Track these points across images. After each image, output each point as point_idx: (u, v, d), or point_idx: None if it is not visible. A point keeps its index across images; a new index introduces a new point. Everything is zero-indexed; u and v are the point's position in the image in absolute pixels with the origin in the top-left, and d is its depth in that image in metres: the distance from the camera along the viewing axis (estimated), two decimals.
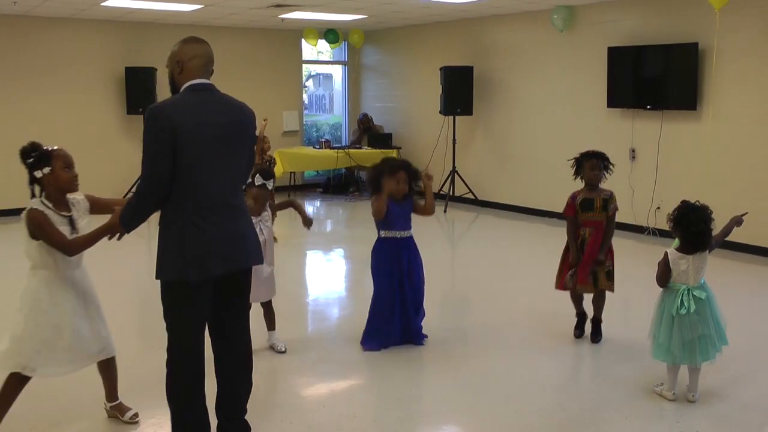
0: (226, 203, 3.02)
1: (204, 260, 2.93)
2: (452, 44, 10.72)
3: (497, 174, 10.24)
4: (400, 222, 4.58)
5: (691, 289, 3.77)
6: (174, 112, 2.91)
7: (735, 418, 3.72)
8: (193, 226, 2.93)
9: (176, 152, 2.86)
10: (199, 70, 3.05)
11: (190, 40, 3.13)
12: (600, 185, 4.79)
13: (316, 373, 4.35)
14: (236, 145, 3.06)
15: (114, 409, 3.60)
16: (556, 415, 3.77)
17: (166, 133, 2.85)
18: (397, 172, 4.51)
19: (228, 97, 3.13)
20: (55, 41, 9.90)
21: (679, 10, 7.84)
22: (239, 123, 3.08)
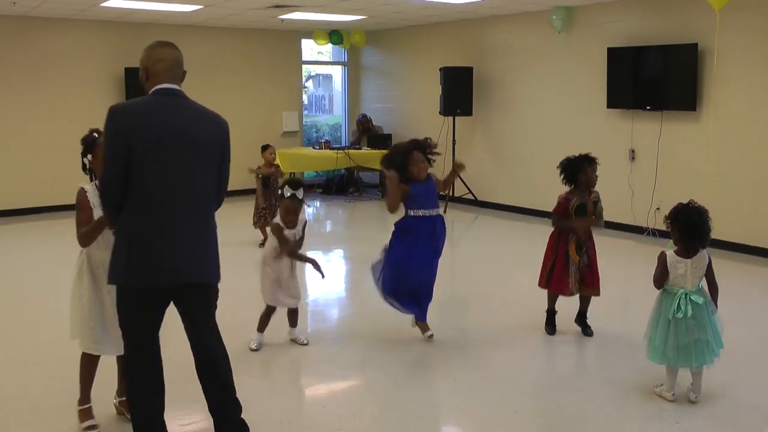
0: (181, 215, 2.91)
1: (147, 271, 2.87)
2: (452, 45, 10.73)
3: (497, 174, 10.24)
4: (430, 200, 4.60)
5: (689, 294, 3.76)
6: (131, 114, 2.85)
7: (735, 418, 3.72)
8: (142, 235, 2.87)
9: (130, 155, 2.79)
10: (165, 75, 2.94)
11: (155, 45, 3.02)
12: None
13: (316, 373, 4.35)
14: (200, 155, 2.93)
15: (122, 404, 3.61)
16: (556, 415, 3.77)
17: (120, 135, 2.80)
18: (410, 154, 4.53)
19: (198, 105, 3.02)
20: (55, 41, 9.90)
21: (678, 11, 7.85)
22: (206, 133, 2.96)
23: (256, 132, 11.34)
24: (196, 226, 2.97)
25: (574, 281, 4.76)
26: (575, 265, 4.76)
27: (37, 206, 9.65)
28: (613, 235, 8.30)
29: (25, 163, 9.67)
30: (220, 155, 3.03)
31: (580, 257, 4.76)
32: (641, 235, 8.27)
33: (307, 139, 12.84)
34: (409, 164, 4.51)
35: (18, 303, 5.85)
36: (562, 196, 4.82)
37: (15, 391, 4.00)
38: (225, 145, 3.07)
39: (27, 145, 9.64)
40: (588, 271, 4.81)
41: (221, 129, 3.05)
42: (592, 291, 4.85)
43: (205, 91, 11.39)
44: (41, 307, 5.66)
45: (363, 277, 7.00)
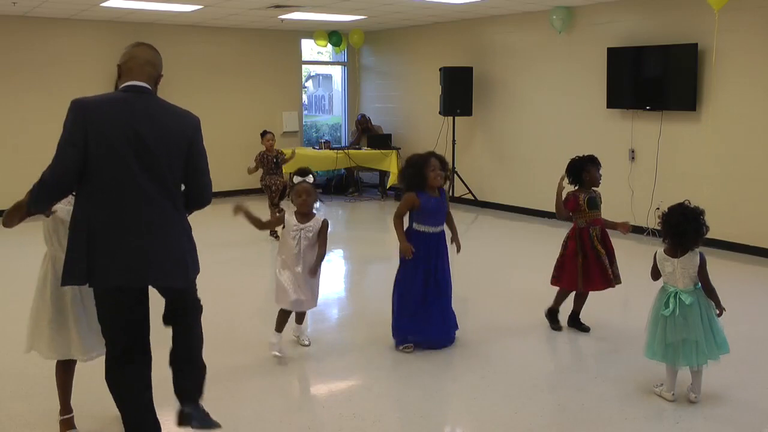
0: (141, 213, 2.84)
1: (108, 270, 2.82)
2: (452, 45, 10.73)
3: (497, 174, 10.25)
4: (437, 217, 4.60)
5: (679, 293, 3.78)
6: (92, 107, 2.82)
7: (734, 418, 3.73)
8: (99, 230, 2.81)
9: (87, 148, 2.76)
10: (135, 72, 2.93)
11: (132, 44, 3.04)
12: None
13: (316, 373, 4.35)
14: (163, 152, 2.86)
15: None
16: (556, 415, 3.77)
17: (78, 126, 2.77)
18: (429, 160, 4.53)
19: (165, 103, 2.98)
20: (55, 41, 9.90)
21: (678, 11, 7.85)
22: (168, 132, 2.90)
23: (255, 132, 11.29)
24: (158, 225, 2.88)
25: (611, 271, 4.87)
26: (603, 254, 4.86)
27: None
28: (612, 234, 8.28)
29: (25, 163, 9.65)
30: (185, 152, 2.94)
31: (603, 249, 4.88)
32: (641, 235, 8.27)
33: (307, 139, 12.84)
34: (426, 169, 4.50)
35: (18, 303, 5.85)
36: (571, 193, 4.89)
37: (15, 391, 4.00)
38: (193, 140, 2.97)
39: (27, 145, 9.63)
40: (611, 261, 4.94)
41: (189, 125, 2.98)
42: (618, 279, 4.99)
43: (205, 91, 11.48)
44: None
45: (363, 277, 7.01)
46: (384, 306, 4.88)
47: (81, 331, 3.27)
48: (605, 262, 4.85)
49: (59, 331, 3.26)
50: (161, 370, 3.17)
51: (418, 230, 4.58)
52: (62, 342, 3.27)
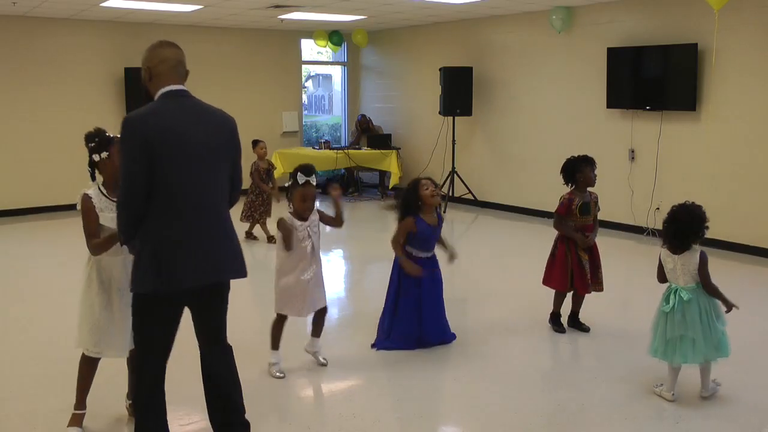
0: (205, 214, 2.93)
1: (176, 273, 2.86)
2: (451, 45, 10.73)
3: (496, 174, 10.25)
4: (430, 243, 4.61)
5: (678, 289, 3.82)
6: (149, 122, 2.81)
7: (734, 418, 3.73)
8: (169, 238, 2.86)
9: (153, 163, 2.77)
10: (169, 75, 2.93)
11: (156, 45, 2.99)
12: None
13: (316, 374, 4.35)
14: (214, 155, 2.95)
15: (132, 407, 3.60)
16: (556, 415, 3.77)
17: (140, 145, 2.77)
18: (420, 180, 4.55)
19: (205, 104, 3.02)
20: (55, 41, 9.90)
21: (678, 11, 7.85)
22: (217, 132, 2.97)
23: (256, 132, 11.29)
24: (218, 224, 2.99)
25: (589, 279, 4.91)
26: (586, 261, 4.89)
27: (37, 206, 9.65)
28: (613, 235, 8.30)
29: (25, 163, 9.66)
30: (232, 152, 3.05)
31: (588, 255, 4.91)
32: (641, 235, 8.27)
33: (306, 139, 12.85)
34: (420, 189, 4.50)
35: (18, 303, 5.85)
36: (565, 197, 4.88)
37: (15, 391, 4.00)
38: (235, 140, 3.08)
39: (27, 145, 9.64)
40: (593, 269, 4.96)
41: (230, 125, 3.05)
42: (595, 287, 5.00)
43: (205, 92, 11.35)
44: (41, 307, 5.66)
45: (363, 277, 7.01)
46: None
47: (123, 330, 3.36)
48: (585, 268, 4.88)
49: (106, 332, 3.37)
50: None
51: (410, 254, 4.59)
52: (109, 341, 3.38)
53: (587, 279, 4.89)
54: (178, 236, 2.87)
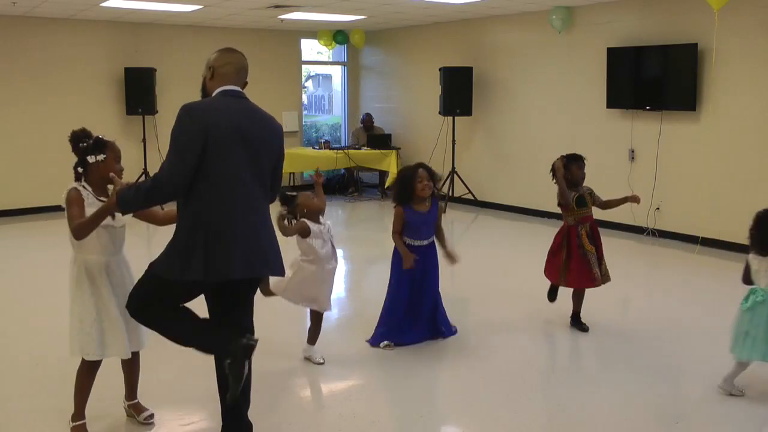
0: (248, 207, 3.02)
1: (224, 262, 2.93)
2: (451, 45, 10.73)
3: (496, 174, 10.25)
4: (423, 230, 4.61)
5: (757, 290, 3.91)
6: (207, 112, 2.98)
7: (734, 418, 3.73)
8: (219, 227, 2.93)
9: (205, 151, 2.89)
10: (231, 77, 3.14)
11: (225, 50, 3.24)
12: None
13: (316, 374, 4.35)
14: (263, 154, 3.08)
15: (132, 407, 3.60)
16: (556, 415, 3.77)
17: (197, 130, 2.89)
18: (416, 171, 4.55)
19: (257, 107, 3.18)
20: (55, 41, 9.90)
21: (678, 11, 7.85)
22: (267, 134, 3.13)
23: None
24: (262, 219, 3.09)
25: (597, 270, 4.88)
26: (593, 255, 4.88)
27: (37, 206, 9.65)
28: (613, 235, 8.30)
29: (25, 163, 9.66)
30: (277, 155, 3.20)
31: (592, 246, 4.90)
32: (641, 235, 8.27)
33: (306, 139, 12.84)
34: (414, 180, 4.52)
35: (18, 303, 5.86)
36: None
37: (15, 391, 4.00)
38: (281, 145, 3.25)
39: (27, 145, 9.64)
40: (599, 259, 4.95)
41: (278, 130, 3.23)
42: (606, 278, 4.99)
43: None
44: (41, 307, 5.65)
45: (363, 277, 7.01)
46: None
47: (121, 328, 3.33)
48: (590, 261, 4.87)
49: (104, 331, 3.32)
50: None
51: (406, 243, 4.61)
52: (109, 341, 3.33)
53: (594, 272, 4.86)
54: (228, 225, 2.95)
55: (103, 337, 3.31)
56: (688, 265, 6.98)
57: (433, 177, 4.60)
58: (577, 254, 4.87)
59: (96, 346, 3.30)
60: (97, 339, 3.30)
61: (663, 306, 5.75)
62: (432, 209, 4.62)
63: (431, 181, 4.55)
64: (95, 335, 3.30)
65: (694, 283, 6.39)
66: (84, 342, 3.29)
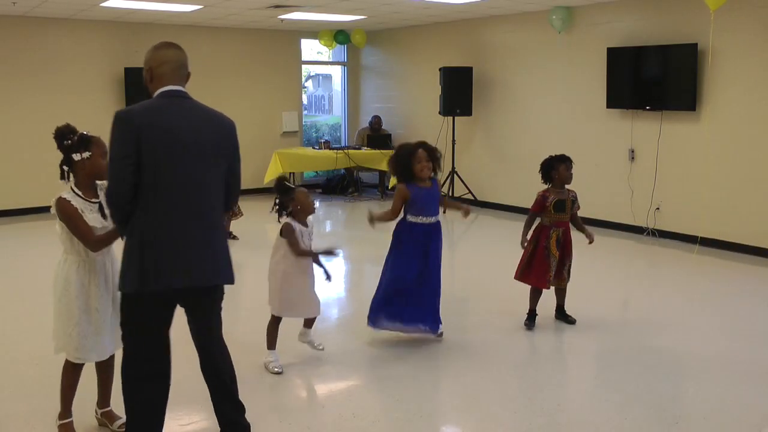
0: (194, 215, 2.89)
1: (162, 273, 2.83)
2: (451, 45, 10.73)
3: (496, 174, 10.25)
4: (429, 207, 4.58)
5: None
6: (140, 117, 2.81)
7: (734, 418, 3.73)
8: (156, 236, 2.83)
9: (141, 158, 2.76)
10: (170, 76, 2.94)
11: (159, 46, 2.99)
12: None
13: (316, 374, 4.35)
14: (209, 157, 2.92)
15: (104, 416, 3.55)
16: (556, 415, 3.77)
17: (130, 138, 2.76)
18: (415, 151, 4.52)
19: (203, 106, 3.01)
20: (55, 41, 9.90)
21: (678, 11, 7.85)
22: (214, 134, 2.95)
23: (255, 132, 11.35)
24: (206, 227, 2.94)
25: (552, 275, 4.98)
26: (555, 259, 4.97)
27: (37, 206, 9.65)
28: (613, 235, 8.30)
29: (25, 163, 9.66)
30: (227, 155, 3.02)
31: (559, 252, 4.99)
32: (641, 235, 8.27)
33: (306, 139, 12.85)
34: (413, 161, 4.50)
35: (18, 302, 5.85)
36: (540, 194, 5.08)
37: (15, 391, 4.00)
38: (233, 144, 3.05)
39: (27, 145, 9.63)
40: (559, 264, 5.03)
41: (227, 128, 3.03)
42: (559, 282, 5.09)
43: (205, 92, 11.38)
44: (41, 307, 5.65)
45: (363, 277, 7.01)
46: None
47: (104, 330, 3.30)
48: (549, 264, 4.96)
49: (87, 335, 3.27)
50: None
51: (412, 222, 4.59)
52: (90, 345, 3.28)
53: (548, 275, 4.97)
54: (168, 235, 2.84)
55: (85, 341, 3.26)
56: (688, 265, 6.98)
57: (433, 157, 4.54)
58: (542, 254, 4.96)
59: (74, 349, 3.27)
60: (79, 343, 3.26)
61: (663, 306, 5.75)
62: (434, 185, 4.60)
63: (430, 161, 4.51)
64: (76, 339, 3.25)
65: (694, 283, 6.39)
66: (66, 343, 3.28)
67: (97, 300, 3.27)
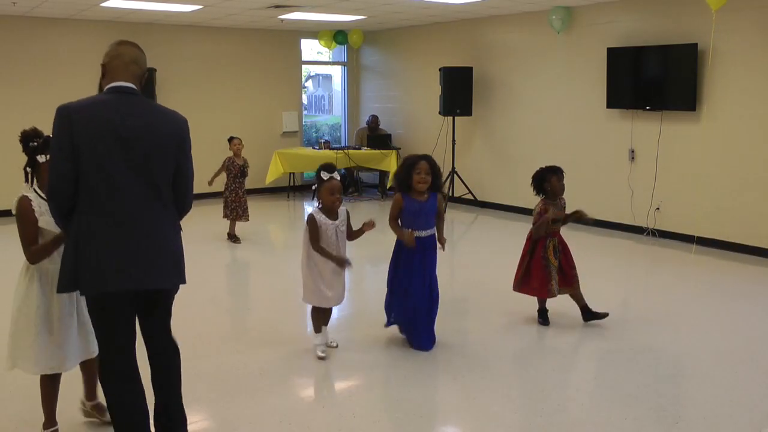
0: (134, 215, 2.79)
1: (96, 274, 2.74)
2: (451, 45, 10.73)
3: (496, 174, 10.25)
4: (420, 219, 4.56)
5: None
6: (77, 111, 2.74)
7: (734, 418, 3.73)
8: (92, 236, 2.74)
9: (77, 154, 2.70)
10: (119, 72, 2.87)
11: (115, 43, 2.94)
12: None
13: (316, 374, 4.35)
14: (153, 153, 2.81)
15: (93, 408, 3.55)
16: (556, 415, 3.77)
17: (65, 132, 2.70)
18: (417, 163, 4.52)
19: (153, 103, 2.95)
20: (55, 42, 9.90)
21: (678, 11, 7.85)
22: (158, 132, 2.84)
23: (255, 132, 11.35)
24: (149, 228, 2.84)
25: (555, 283, 5.02)
26: (554, 267, 5.01)
27: None
28: (613, 235, 8.30)
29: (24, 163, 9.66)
30: (175, 154, 2.89)
31: (557, 260, 5.03)
32: (641, 235, 8.27)
33: (306, 139, 12.85)
34: (412, 172, 4.51)
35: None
36: (540, 208, 5.12)
37: (15, 391, 4.00)
38: (181, 142, 2.93)
39: None
40: (559, 272, 5.07)
41: (177, 126, 2.92)
42: (569, 290, 5.11)
43: (205, 92, 11.48)
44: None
45: (363, 277, 7.00)
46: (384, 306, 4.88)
47: (67, 342, 3.22)
48: (549, 273, 5.00)
49: (47, 345, 3.18)
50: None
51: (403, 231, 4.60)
52: (50, 355, 3.19)
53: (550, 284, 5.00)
54: (101, 236, 2.75)
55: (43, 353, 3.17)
56: (688, 265, 6.98)
57: (434, 172, 4.54)
58: (539, 264, 4.99)
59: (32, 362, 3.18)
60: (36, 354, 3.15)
61: (663, 306, 5.74)
62: (431, 200, 4.58)
63: (429, 175, 4.50)
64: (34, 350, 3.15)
65: (695, 283, 6.39)
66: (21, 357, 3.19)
67: (60, 310, 3.19)
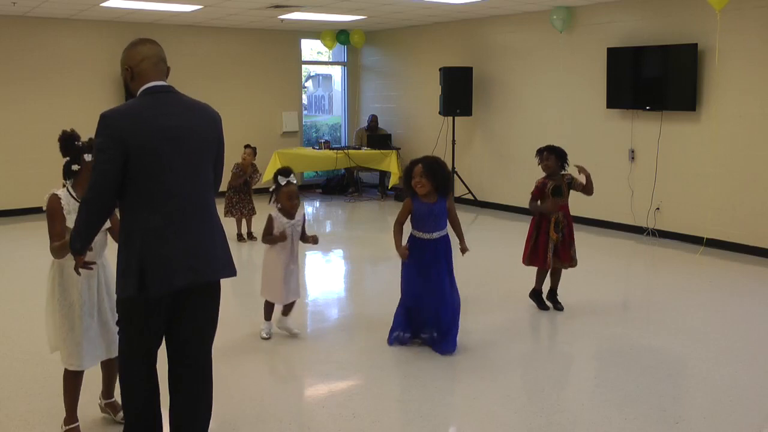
0: (190, 210, 2.83)
1: (165, 272, 2.76)
2: (451, 45, 10.73)
3: (496, 174, 10.25)
4: (428, 222, 4.52)
5: None
6: (125, 118, 2.75)
7: (734, 418, 3.72)
8: (154, 236, 2.76)
9: (129, 160, 2.70)
10: (151, 72, 2.89)
11: (136, 43, 2.94)
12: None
13: (315, 374, 4.35)
14: (200, 149, 2.88)
15: (108, 406, 3.60)
16: (556, 415, 3.77)
17: (116, 141, 2.69)
18: (414, 167, 4.50)
19: (188, 98, 2.96)
20: (55, 42, 9.90)
21: (678, 11, 7.85)
22: (201, 125, 2.91)
23: (256, 132, 11.34)
24: (204, 222, 2.90)
25: (550, 255, 5.29)
26: (553, 240, 5.26)
27: (37, 206, 9.64)
28: (613, 235, 8.30)
29: (24, 163, 9.67)
30: (215, 147, 2.98)
31: (558, 234, 5.26)
32: (641, 235, 8.27)
33: (306, 139, 12.85)
34: (410, 177, 4.50)
35: (18, 303, 5.85)
36: (539, 180, 5.39)
37: (15, 391, 4.00)
38: (220, 136, 3.01)
39: (27, 145, 9.64)
40: (562, 246, 5.30)
41: (214, 120, 2.98)
42: (564, 264, 5.37)
43: (205, 92, 11.41)
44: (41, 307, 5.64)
45: (363, 277, 7.01)
46: (384, 306, 4.88)
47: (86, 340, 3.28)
48: (548, 246, 5.28)
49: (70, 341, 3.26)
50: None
51: (414, 236, 4.59)
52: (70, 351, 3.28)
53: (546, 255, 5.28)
54: (164, 232, 2.77)
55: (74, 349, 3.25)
56: (688, 265, 6.98)
57: (432, 173, 4.44)
58: (544, 239, 5.27)
59: (67, 356, 3.27)
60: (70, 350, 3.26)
61: (663, 306, 5.74)
62: (439, 202, 4.53)
63: (425, 178, 4.43)
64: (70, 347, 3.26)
65: (695, 283, 6.39)
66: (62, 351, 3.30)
67: (80, 308, 3.24)
